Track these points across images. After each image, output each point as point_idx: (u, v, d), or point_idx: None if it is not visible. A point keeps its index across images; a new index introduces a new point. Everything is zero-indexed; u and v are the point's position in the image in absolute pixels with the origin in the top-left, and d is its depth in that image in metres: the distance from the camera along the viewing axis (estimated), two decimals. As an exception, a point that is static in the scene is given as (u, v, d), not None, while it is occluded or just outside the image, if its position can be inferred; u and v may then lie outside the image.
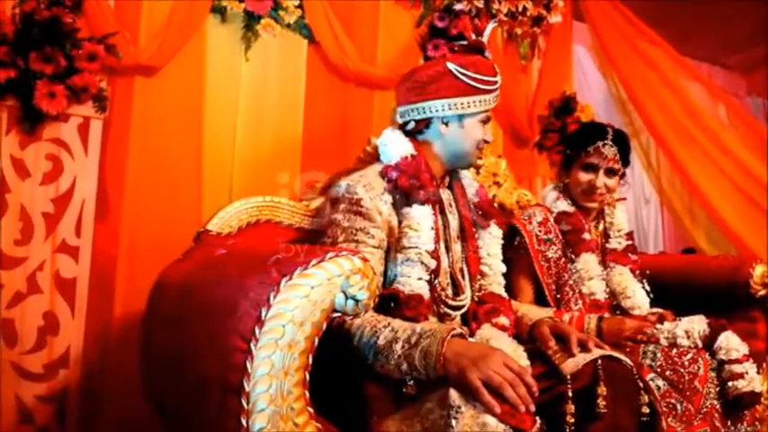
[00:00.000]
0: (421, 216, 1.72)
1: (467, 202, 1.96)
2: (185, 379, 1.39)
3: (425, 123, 1.85)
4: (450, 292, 1.83)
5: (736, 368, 1.95)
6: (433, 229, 1.73)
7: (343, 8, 2.91)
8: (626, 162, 2.26)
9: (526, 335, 1.83)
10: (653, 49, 3.74)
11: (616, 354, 1.66)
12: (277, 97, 2.81)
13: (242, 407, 1.18)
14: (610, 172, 2.24)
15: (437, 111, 1.82)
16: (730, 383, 1.95)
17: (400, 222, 1.73)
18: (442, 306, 1.79)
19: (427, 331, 1.45)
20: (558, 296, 2.17)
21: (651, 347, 1.97)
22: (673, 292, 2.47)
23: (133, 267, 2.39)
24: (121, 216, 2.44)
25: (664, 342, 1.99)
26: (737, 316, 2.39)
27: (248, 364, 1.19)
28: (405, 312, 1.62)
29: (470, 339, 1.67)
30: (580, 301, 2.15)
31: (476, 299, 1.88)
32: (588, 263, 2.19)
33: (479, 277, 1.91)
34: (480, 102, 1.82)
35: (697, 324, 1.99)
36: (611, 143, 2.22)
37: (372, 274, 1.33)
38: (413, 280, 1.67)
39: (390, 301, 1.65)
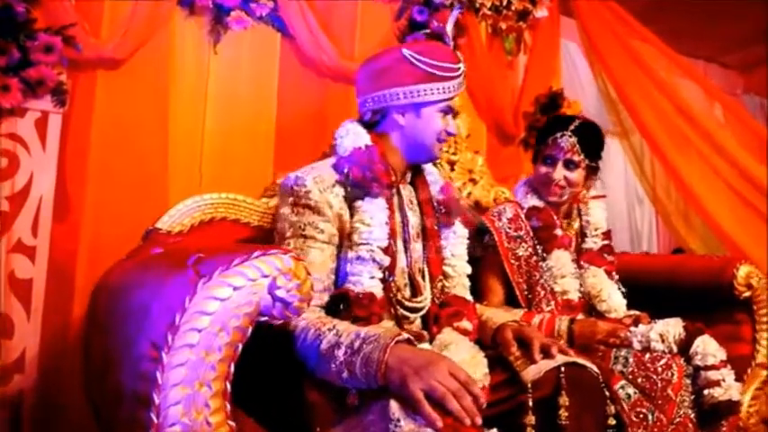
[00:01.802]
0: (374, 210, 1.59)
1: (430, 200, 1.82)
2: (107, 387, 1.27)
3: (382, 114, 1.72)
4: (407, 292, 1.69)
5: (713, 375, 1.80)
6: (387, 224, 1.60)
7: (319, 1, 2.78)
8: (593, 155, 2.12)
9: (490, 340, 1.69)
10: (644, 46, 3.59)
11: (581, 360, 1.53)
12: (248, 92, 2.69)
13: (151, 421, 1.06)
14: (569, 164, 2.09)
15: (392, 100, 1.69)
16: (706, 391, 1.80)
17: (352, 217, 1.60)
18: (399, 308, 1.66)
19: (371, 336, 1.33)
20: (530, 296, 2.03)
21: (623, 352, 1.83)
22: (655, 294, 2.33)
23: (94, 267, 2.25)
24: (83, 214, 2.32)
25: (637, 346, 1.85)
26: (722, 318, 2.26)
27: (158, 374, 1.06)
28: (356, 312, 1.50)
29: (424, 345, 1.54)
30: (552, 302, 2.01)
31: (437, 301, 1.74)
32: (560, 260, 2.06)
33: (442, 279, 1.77)
34: (439, 90, 1.68)
35: (672, 327, 1.85)
36: (569, 134, 2.07)
37: (306, 275, 1.20)
38: (364, 278, 1.54)
39: (341, 302, 1.52)
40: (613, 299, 2.07)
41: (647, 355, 1.81)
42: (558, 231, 2.09)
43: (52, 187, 2.22)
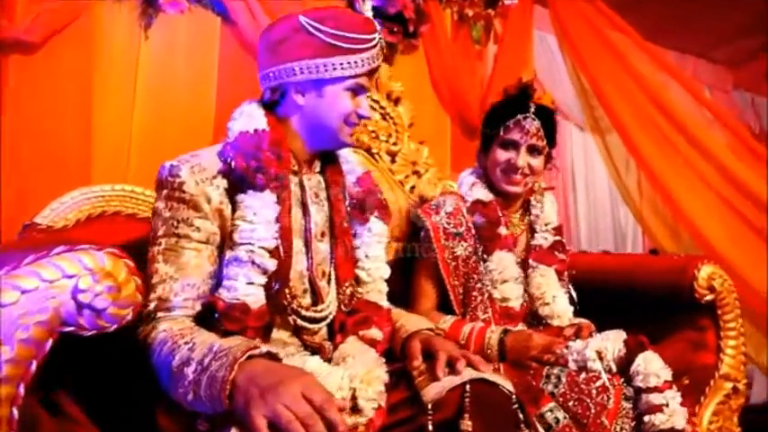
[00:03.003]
0: (257, 206, 1.33)
1: (342, 193, 1.55)
2: None
3: (281, 93, 1.46)
4: (307, 300, 1.44)
5: (655, 399, 1.51)
6: (275, 222, 1.35)
7: (264, -17, 2.54)
8: (551, 141, 1.86)
9: (399, 350, 1.45)
10: (622, 38, 3.31)
11: (492, 377, 1.27)
12: (185, 80, 2.45)
13: None
14: (533, 150, 1.83)
15: (289, 76, 1.42)
16: (647, 418, 1.51)
17: (234, 212, 1.35)
18: (296, 317, 1.41)
19: (224, 350, 1.09)
20: (466, 301, 1.77)
21: (556, 370, 1.56)
22: (613, 298, 2.08)
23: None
24: (-8, 208, 2.09)
25: (573, 365, 1.57)
26: (684, 324, 2.00)
27: None
28: (225, 325, 1.25)
29: (310, 360, 1.29)
30: (490, 309, 1.75)
31: (344, 309, 1.49)
32: (502, 262, 1.78)
33: (352, 283, 1.51)
34: (343, 64, 1.40)
35: (612, 343, 1.57)
36: (532, 117, 1.82)
37: (126, 276, 0.97)
38: (239, 284, 1.28)
39: (212, 313, 1.27)
40: (558, 303, 1.80)
41: (582, 375, 1.54)
42: (502, 230, 1.82)
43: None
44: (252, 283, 1.29)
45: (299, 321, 1.41)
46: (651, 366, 1.51)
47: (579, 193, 4.52)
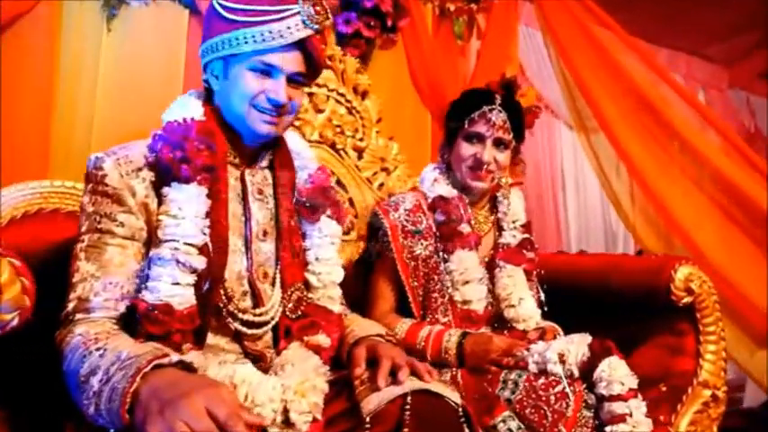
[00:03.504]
0: (183, 199, 1.22)
1: (291, 189, 1.43)
2: None
3: (206, 79, 1.36)
4: (247, 302, 1.33)
5: (618, 408, 1.38)
6: (206, 217, 1.24)
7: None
8: (519, 136, 1.75)
9: (346, 357, 1.34)
10: (610, 36, 3.16)
11: (437, 388, 1.16)
12: (150, 75, 2.35)
13: None
14: (499, 144, 1.71)
15: (203, 58, 1.33)
16: (608, 428, 1.38)
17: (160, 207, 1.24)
18: (233, 321, 1.30)
19: (130, 359, 0.98)
20: (426, 304, 1.65)
21: (513, 375, 1.43)
22: (589, 300, 1.96)
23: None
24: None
25: (533, 368, 1.45)
26: (662, 328, 1.88)
27: None
28: (148, 329, 1.14)
29: (232, 365, 1.18)
30: (451, 312, 1.63)
31: (290, 314, 1.37)
32: (463, 262, 1.66)
33: (300, 287, 1.39)
34: (240, 39, 1.25)
35: (575, 346, 1.44)
36: (499, 108, 1.69)
37: (10, 276, 0.88)
38: (163, 284, 1.17)
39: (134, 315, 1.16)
40: (524, 306, 1.68)
41: (541, 380, 1.41)
42: (465, 227, 1.70)
43: None
44: (178, 284, 1.18)
45: (237, 326, 1.30)
46: (616, 373, 1.39)
47: (569, 193, 4.40)
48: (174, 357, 1.00)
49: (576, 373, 1.42)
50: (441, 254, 1.67)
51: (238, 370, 1.17)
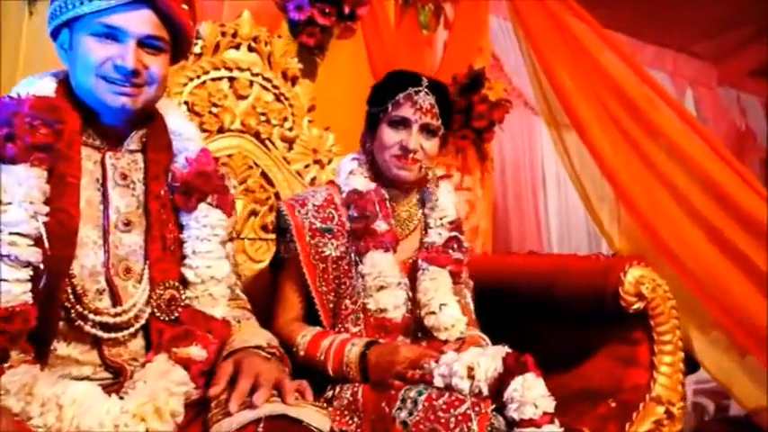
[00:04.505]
0: (11, 182, 1.02)
1: (165, 174, 1.23)
2: None
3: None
4: (105, 303, 1.12)
5: None
6: (45, 203, 1.04)
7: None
8: (448, 122, 1.53)
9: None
10: (582, 26, 2.92)
11: (298, 413, 0.95)
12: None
13: None
14: (427, 130, 1.48)
15: (49, 28, 1.15)
16: None
17: None
18: (85, 324, 1.10)
19: None
20: (337, 311, 1.44)
21: (413, 392, 1.20)
22: (535, 306, 1.75)
23: None
24: None
25: (438, 382, 1.22)
26: (615, 337, 1.66)
27: None
28: None
29: (65, 382, 0.98)
30: (363, 321, 1.41)
31: (163, 316, 1.17)
32: (378, 265, 1.43)
33: (176, 285, 1.18)
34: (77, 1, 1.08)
35: (486, 359, 1.20)
36: (426, 91, 1.47)
37: None
38: (-15, 279, 0.97)
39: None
40: (447, 313, 1.43)
41: (443, 398, 1.17)
42: (381, 225, 1.46)
43: None
44: (5, 280, 0.98)
45: (91, 329, 1.10)
46: (529, 393, 1.14)
47: (550, 191, 4.18)
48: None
49: (485, 392, 1.18)
50: (353, 255, 1.45)
51: (70, 388, 0.97)
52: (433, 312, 1.42)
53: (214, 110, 1.73)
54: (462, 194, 3.06)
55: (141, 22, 1.09)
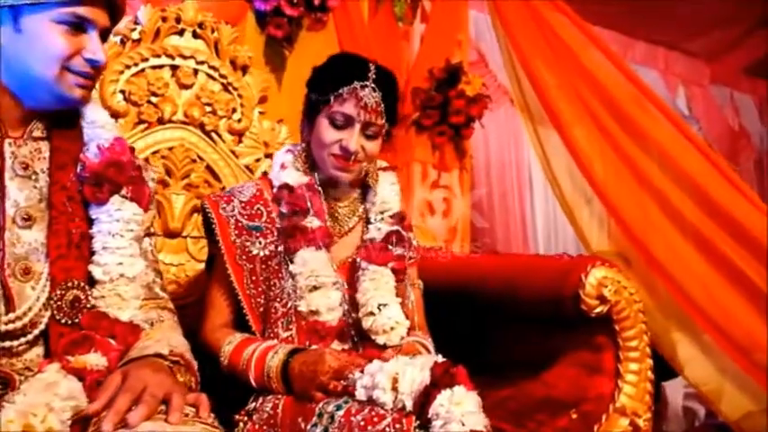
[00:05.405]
0: None
1: (73, 164, 1.11)
2: None
3: None
4: None
5: None
6: None
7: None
8: (392, 119, 1.39)
9: None
10: (565, 22, 2.76)
11: (191, 429, 0.82)
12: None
13: None
14: (369, 130, 1.33)
15: None
16: None
17: None
18: None
19: None
20: (267, 315, 1.30)
21: (332, 406, 1.06)
22: (495, 310, 1.62)
23: None
24: None
25: (360, 395, 1.07)
26: (580, 342, 1.51)
27: None
28: None
29: None
30: (294, 325, 1.28)
31: (60, 316, 1.04)
32: (309, 264, 1.28)
33: (80, 285, 1.06)
34: None
35: (413, 369, 1.05)
36: (372, 86, 1.30)
37: None
38: None
39: None
40: (386, 314, 1.27)
41: (362, 414, 1.03)
42: (312, 221, 1.32)
43: None
44: None
45: None
46: (457, 409, 0.99)
47: (536, 189, 4.04)
48: None
49: (409, 406, 1.03)
50: (283, 254, 1.31)
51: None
52: (372, 314, 1.27)
53: (153, 99, 1.60)
54: (440, 192, 2.94)
55: (102, 14, 1.08)
